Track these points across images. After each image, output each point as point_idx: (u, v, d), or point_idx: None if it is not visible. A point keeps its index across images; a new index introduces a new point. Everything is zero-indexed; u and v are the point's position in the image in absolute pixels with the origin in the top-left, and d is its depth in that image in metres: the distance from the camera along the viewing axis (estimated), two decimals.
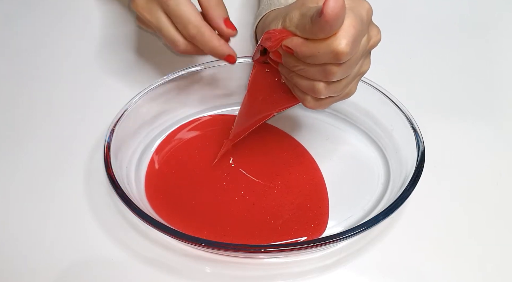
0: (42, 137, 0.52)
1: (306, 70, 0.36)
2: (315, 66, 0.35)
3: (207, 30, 0.43)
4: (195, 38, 0.43)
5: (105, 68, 0.58)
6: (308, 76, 0.37)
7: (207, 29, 0.43)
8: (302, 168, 0.49)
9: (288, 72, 0.39)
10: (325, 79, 0.36)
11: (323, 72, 0.35)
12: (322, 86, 0.37)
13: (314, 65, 0.36)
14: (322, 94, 0.37)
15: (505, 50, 0.62)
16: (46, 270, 0.42)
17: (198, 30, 0.43)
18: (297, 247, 0.39)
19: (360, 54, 0.36)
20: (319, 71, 0.36)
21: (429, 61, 0.60)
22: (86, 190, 0.47)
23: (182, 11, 0.42)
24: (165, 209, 0.45)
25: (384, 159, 0.49)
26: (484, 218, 0.46)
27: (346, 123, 0.52)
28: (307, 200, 0.46)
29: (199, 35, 0.43)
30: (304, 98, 0.39)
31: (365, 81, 0.50)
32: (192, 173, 0.48)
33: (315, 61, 0.35)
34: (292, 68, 0.37)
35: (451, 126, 0.53)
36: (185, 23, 0.43)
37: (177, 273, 0.42)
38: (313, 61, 0.35)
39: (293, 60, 0.37)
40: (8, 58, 0.60)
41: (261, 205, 0.46)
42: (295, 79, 0.38)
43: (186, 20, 0.43)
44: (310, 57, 0.35)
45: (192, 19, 0.42)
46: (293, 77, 0.38)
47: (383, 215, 0.40)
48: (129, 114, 0.48)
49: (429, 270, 0.43)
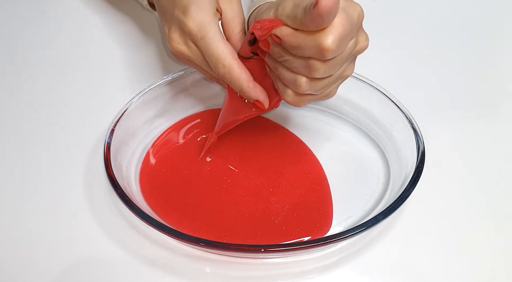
0: (42, 137, 0.52)
1: (291, 61, 0.37)
2: (300, 59, 0.36)
3: (236, 69, 0.41)
4: (224, 78, 0.42)
5: (105, 68, 0.58)
6: (292, 69, 0.38)
7: (237, 68, 0.42)
8: (307, 166, 0.49)
9: (274, 62, 0.39)
10: (308, 74, 0.37)
11: (307, 66, 0.36)
12: (304, 81, 0.38)
13: (299, 58, 0.36)
14: (302, 89, 0.38)
15: (505, 50, 0.62)
16: (46, 270, 0.42)
17: (227, 70, 0.41)
18: (297, 247, 0.39)
19: (346, 56, 0.37)
20: (303, 65, 0.36)
21: (429, 61, 0.60)
22: (86, 190, 0.47)
23: (212, 50, 0.41)
24: (163, 209, 0.45)
25: (384, 159, 0.49)
26: (484, 218, 0.46)
27: (346, 123, 0.52)
28: (312, 199, 0.46)
29: (228, 75, 0.42)
30: (285, 91, 0.40)
31: (365, 81, 0.50)
32: (191, 173, 0.48)
33: (301, 53, 0.35)
34: (278, 58, 0.38)
35: (451, 126, 0.53)
36: (215, 62, 0.42)
37: (177, 273, 0.42)
38: (299, 53, 0.36)
39: (280, 50, 0.37)
40: (8, 58, 0.60)
41: (265, 206, 0.45)
42: (280, 70, 0.39)
43: (215, 60, 0.42)
44: (296, 48, 0.35)
45: (222, 57, 0.41)
46: (278, 68, 0.39)
47: (383, 215, 0.40)
48: (129, 114, 0.48)
49: (429, 270, 0.43)
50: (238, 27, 0.44)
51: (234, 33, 0.44)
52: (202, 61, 0.43)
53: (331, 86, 0.40)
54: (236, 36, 0.44)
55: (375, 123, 0.50)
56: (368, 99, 0.50)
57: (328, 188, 0.47)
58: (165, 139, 0.51)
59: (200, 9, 0.42)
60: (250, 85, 0.42)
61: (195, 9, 0.42)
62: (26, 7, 0.66)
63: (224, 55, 0.41)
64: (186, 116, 0.53)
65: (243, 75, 0.42)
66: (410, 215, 0.45)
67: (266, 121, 0.47)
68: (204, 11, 0.42)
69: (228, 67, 0.41)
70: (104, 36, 0.62)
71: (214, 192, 0.47)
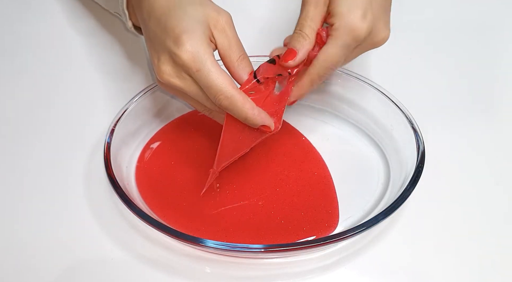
0: (42, 137, 0.52)
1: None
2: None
3: (239, 100, 0.40)
4: (227, 109, 0.41)
5: (105, 68, 0.58)
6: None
7: (240, 98, 0.40)
8: (313, 164, 0.48)
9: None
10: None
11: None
12: None
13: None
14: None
15: (505, 50, 0.62)
16: (46, 270, 0.42)
17: (230, 101, 0.40)
18: (297, 247, 0.39)
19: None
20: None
21: (429, 61, 0.60)
22: (86, 190, 0.47)
23: (211, 82, 0.40)
24: (163, 209, 0.45)
25: (384, 159, 0.49)
26: (484, 218, 0.46)
27: (346, 123, 0.52)
28: (320, 198, 0.46)
29: (231, 106, 0.40)
30: None
31: (365, 81, 0.50)
32: (194, 174, 0.48)
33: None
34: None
35: (451, 126, 0.53)
36: (215, 94, 0.40)
37: (177, 273, 0.42)
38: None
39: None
40: (8, 58, 0.60)
41: (271, 206, 0.45)
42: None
43: (216, 92, 0.40)
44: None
45: (223, 89, 0.40)
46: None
47: (383, 215, 0.40)
48: (129, 114, 0.48)
49: (429, 270, 0.43)
50: (236, 54, 0.42)
51: (233, 60, 0.42)
52: (197, 93, 0.41)
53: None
54: (235, 63, 0.42)
55: (375, 123, 0.50)
56: (368, 99, 0.50)
57: (333, 187, 0.47)
58: (165, 138, 0.51)
59: (193, 39, 0.39)
60: (255, 112, 0.41)
61: (188, 39, 0.39)
62: (26, 7, 0.66)
63: (226, 87, 0.40)
64: (184, 114, 0.53)
65: (247, 104, 0.40)
66: (410, 215, 0.45)
67: None
68: (198, 42, 0.39)
69: (231, 98, 0.40)
70: (105, 35, 0.62)
71: (217, 192, 0.46)
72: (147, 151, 0.50)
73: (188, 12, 0.41)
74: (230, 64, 0.42)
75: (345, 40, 0.41)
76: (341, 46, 0.41)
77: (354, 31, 0.40)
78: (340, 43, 0.41)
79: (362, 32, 0.40)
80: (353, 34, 0.40)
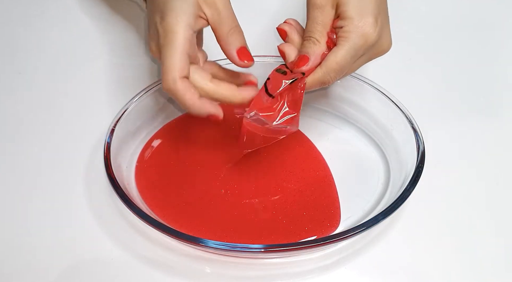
0: (42, 137, 0.52)
1: None
2: None
3: (180, 89, 0.38)
4: (169, 94, 0.39)
5: (105, 68, 0.58)
6: None
7: (180, 86, 0.38)
8: (315, 163, 0.48)
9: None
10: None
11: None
12: None
13: None
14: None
15: (505, 50, 0.62)
16: (46, 270, 0.42)
17: (170, 88, 0.38)
18: (297, 247, 0.39)
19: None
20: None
21: (429, 61, 0.60)
22: (86, 190, 0.47)
23: (163, 60, 0.39)
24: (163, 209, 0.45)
25: (384, 159, 0.49)
26: (484, 218, 0.46)
27: (346, 123, 0.52)
28: (322, 197, 0.46)
29: (172, 93, 0.39)
30: None
31: (365, 81, 0.50)
32: (194, 173, 0.48)
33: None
34: None
35: (451, 126, 0.53)
36: (162, 73, 0.39)
37: (177, 273, 0.42)
38: None
39: None
40: (8, 58, 0.60)
41: (272, 205, 0.45)
42: None
43: (163, 71, 0.38)
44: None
45: (169, 71, 0.38)
46: None
47: (383, 215, 0.40)
48: (129, 114, 0.48)
49: (429, 270, 0.43)
50: (227, 26, 0.41)
51: (223, 34, 0.41)
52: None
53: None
54: (225, 36, 0.41)
55: (375, 123, 0.50)
56: (368, 99, 0.50)
57: (335, 186, 0.47)
58: (165, 138, 0.51)
59: (172, 16, 0.39)
60: (195, 102, 0.39)
61: (168, 14, 0.39)
62: (26, 7, 0.66)
63: (173, 68, 0.38)
64: (184, 113, 0.53)
65: (188, 94, 0.39)
66: (410, 215, 0.45)
67: None
68: (177, 17, 0.39)
69: (174, 84, 0.38)
70: (105, 36, 0.62)
71: (218, 192, 0.46)
72: (147, 150, 0.50)
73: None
74: (220, 38, 0.41)
75: (356, 43, 0.40)
76: (351, 49, 0.40)
77: (365, 36, 0.40)
78: (350, 46, 0.40)
79: (372, 37, 0.40)
80: (364, 39, 0.40)
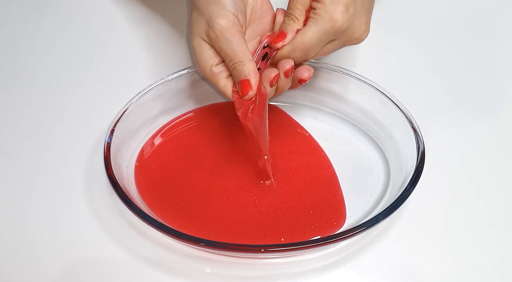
0: (42, 137, 0.52)
1: None
2: None
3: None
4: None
5: (105, 68, 0.58)
6: None
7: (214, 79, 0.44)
8: (320, 161, 0.48)
9: None
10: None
11: None
12: None
13: None
14: None
15: (506, 50, 0.61)
16: (46, 270, 0.42)
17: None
18: (297, 247, 0.39)
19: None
20: None
21: (429, 61, 0.60)
22: (86, 190, 0.47)
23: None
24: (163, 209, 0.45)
25: (384, 159, 0.49)
26: (484, 218, 0.46)
27: (346, 123, 0.52)
28: (329, 195, 0.46)
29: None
30: None
31: (365, 81, 0.50)
32: (194, 173, 0.48)
33: None
34: None
35: (451, 126, 0.53)
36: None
37: (177, 273, 0.42)
38: None
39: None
40: (8, 58, 0.60)
41: (277, 205, 0.45)
42: None
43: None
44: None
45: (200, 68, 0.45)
46: None
47: (383, 215, 0.40)
48: (129, 114, 0.48)
49: (429, 270, 0.43)
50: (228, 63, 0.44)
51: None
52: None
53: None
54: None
55: (375, 123, 0.50)
56: (368, 99, 0.50)
57: (339, 184, 0.47)
58: (164, 138, 0.51)
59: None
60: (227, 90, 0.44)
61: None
62: (26, 7, 0.66)
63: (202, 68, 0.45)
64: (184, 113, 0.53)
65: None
66: (410, 215, 0.45)
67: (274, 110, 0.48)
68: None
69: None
70: (104, 36, 0.62)
71: (219, 192, 0.46)
72: (147, 150, 0.50)
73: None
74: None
75: (322, 27, 0.42)
76: (317, 32, 0.42)
77: (333, 21, 0.42)
78: (317, 29, 0.42)
79: (339, 23, 0.42)
80: (331, 24, 0.42)
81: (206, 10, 0.42)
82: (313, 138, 0.50)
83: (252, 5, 0.46)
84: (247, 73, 0.42)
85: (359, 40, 0.45)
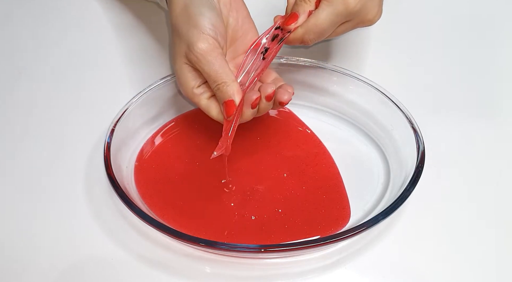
0: (42, 137, 0.52)
1: None
2: None
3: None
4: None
5: (105, 68, 0.58)
6: None
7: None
8: (325, 160, 0.48)
9: None
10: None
11: None
12: None
13: None
14: None
15: (506, 50, 0.61)
16: (46, 270, 0.42)
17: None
18: (296, 247, 0.39)
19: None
20: None
21: (429, 61, 0.60)
22: (86, 190, 0.47)
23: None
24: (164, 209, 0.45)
25: (384, 159, 0.49)
26: (484, 218, 0.46)
27: (346, 123, 0.52)
28: (334, 195, 0.46)
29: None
30: None
31: (365, 81, 0.50)
32: (194, 173, 0.48)
33: None
34: None
35: (451, 126, 0.53)
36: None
37: (177, 273, 0.42)
38: None
39: None
40: (8, 57, 0.60)
41: (281, 205, 0.45)
42: None
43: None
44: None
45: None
46: None
47: (383, 215, 0.40)
48: (129, 114, 0.48)
49: (429, 270, 0.43)
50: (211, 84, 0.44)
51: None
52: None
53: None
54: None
55: (375, 123, 0.50)
56: (368, 99, 0.50)
57: (343, 183, 0.47)
58: (164, 138, 0.51)
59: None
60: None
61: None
62: (26, 6, 0.66)
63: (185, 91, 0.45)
64: (184, 113, 0.53)
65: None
66: (410, 215, 0.45)
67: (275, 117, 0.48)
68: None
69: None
70: (104, 36, 0.62)
71: (219, 191, 0.46)
72: (147, 150, 0.50)
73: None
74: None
75: (336, 9, 0.42)
76: (331, 14, 0.42)
77: (346, 3, 0.42)
78: (331, 11, 0.42)
79: (352, 5, 0.42)
80: (344, 6, 0.42)
81: (186, 34, 0.42)
82: (315, 135, 0.51)
83: (233, 25, 0.45)
84: (231, 94, 0.42)
85: (372, 21, 0.45)
